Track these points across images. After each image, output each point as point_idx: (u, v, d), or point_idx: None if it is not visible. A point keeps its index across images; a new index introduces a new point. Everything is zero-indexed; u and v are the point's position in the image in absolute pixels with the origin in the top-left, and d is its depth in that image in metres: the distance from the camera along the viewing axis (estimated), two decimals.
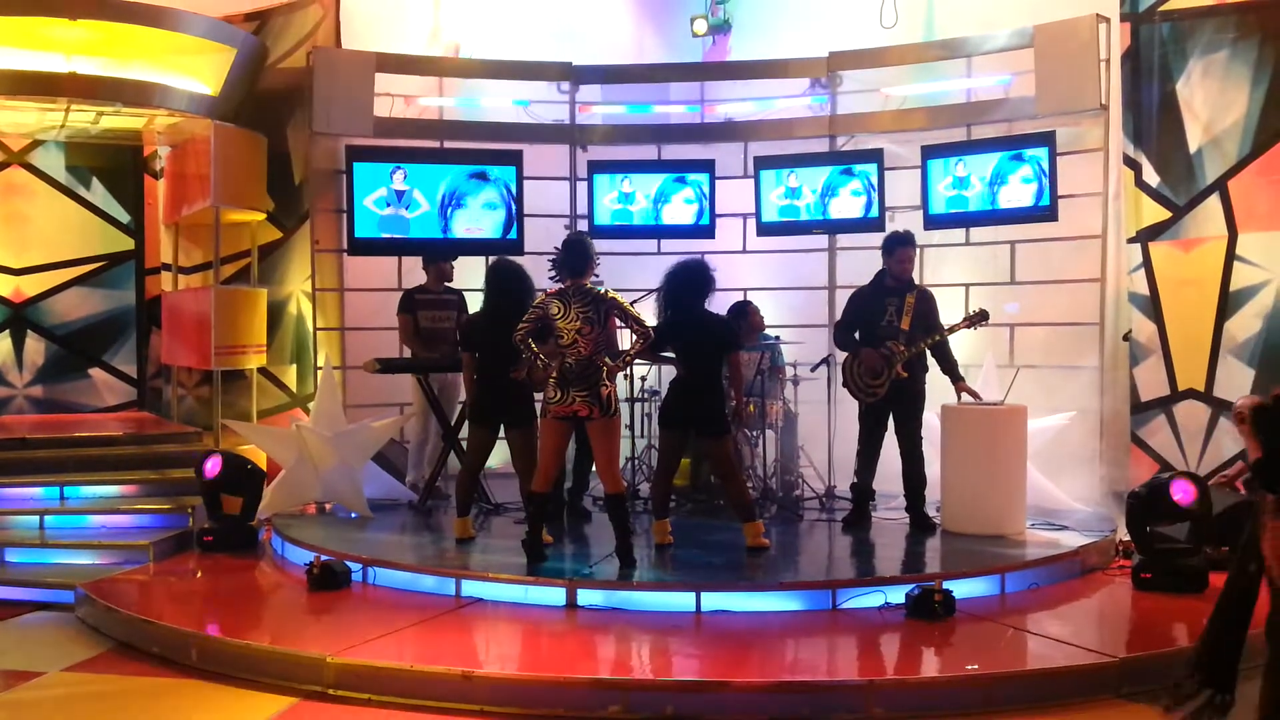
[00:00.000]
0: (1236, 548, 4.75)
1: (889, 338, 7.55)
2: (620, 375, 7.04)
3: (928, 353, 7.63)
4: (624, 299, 6.55)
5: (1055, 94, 8.75)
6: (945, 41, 9.52)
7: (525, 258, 8.16)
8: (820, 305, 9.80)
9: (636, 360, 7.02)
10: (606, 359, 6.55)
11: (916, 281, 8.05)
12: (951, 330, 7.57)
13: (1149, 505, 6.64)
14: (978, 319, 7.60)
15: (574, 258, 6.57)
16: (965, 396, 7.55)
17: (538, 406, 6.94)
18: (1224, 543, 6.73)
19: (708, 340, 6.90)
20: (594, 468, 8.15)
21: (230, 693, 5.33)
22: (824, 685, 5.06)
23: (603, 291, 6.52)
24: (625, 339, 7.63)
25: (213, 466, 7.78)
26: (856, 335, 7.78)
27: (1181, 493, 6.55)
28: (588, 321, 6.41)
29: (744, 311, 8.55)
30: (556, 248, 6.86)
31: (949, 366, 7.62)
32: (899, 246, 7.77)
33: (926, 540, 7.33)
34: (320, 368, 9.03)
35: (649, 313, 7.61)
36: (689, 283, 6.99)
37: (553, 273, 6.74)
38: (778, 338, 8.75)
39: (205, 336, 8.78)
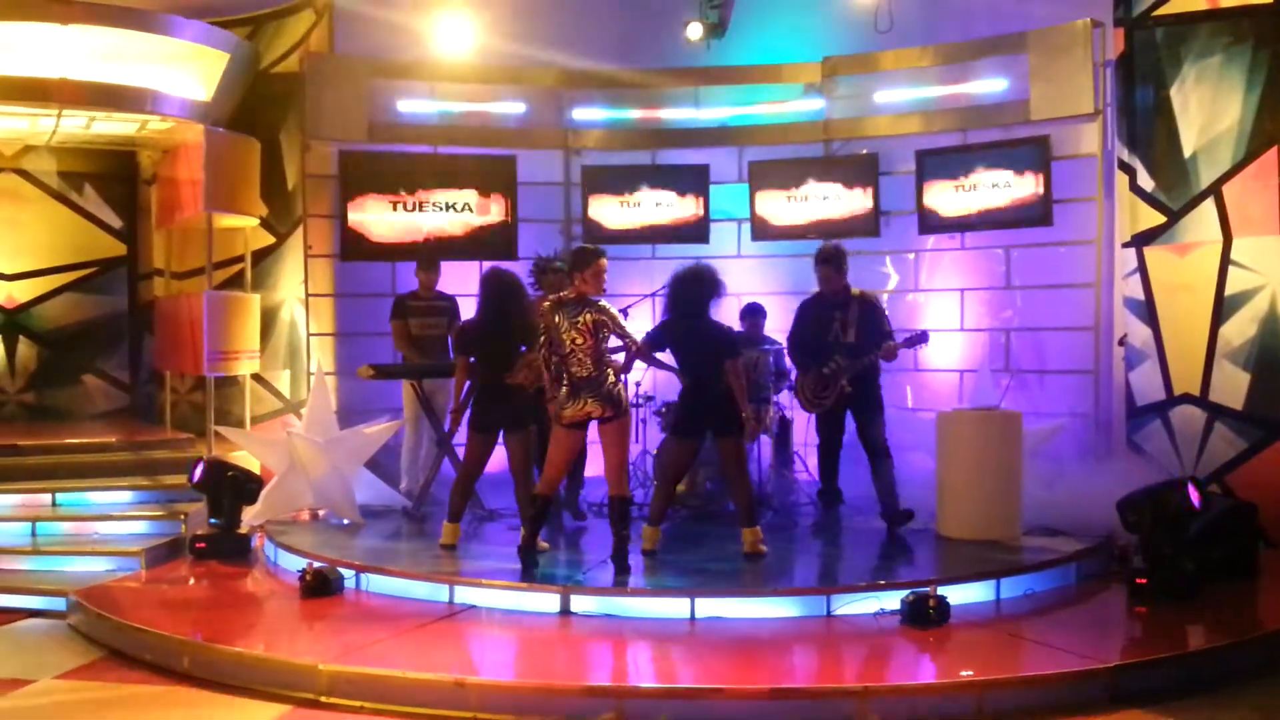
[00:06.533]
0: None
1: (836, 352, 7.64)
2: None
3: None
4: (614, 311, 6.49)
5: (1050, 99, 8.78)
6: (940, 46, 9.52)
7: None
8: None
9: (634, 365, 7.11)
10: (614, 363, 6.56)
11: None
12: (889, 352, 7.62)
13: (1145, 511, 6.62)
14: (917, 340, 7.73)
15: (574, 263, 6.59)
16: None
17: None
18: (1219, 547, 6.74)
19: (710, 348, 6.84)
20: (586, 473, 8.21)
21: (222, 700, 5.30)
22: (818, 691, 5.04)
23: (598, 303, 6.48)
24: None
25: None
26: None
27: (1189, 497, 6.51)
28: (580, 333, 6.39)
29: (760, 311, 8.63)
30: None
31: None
32: (818, 265, 7.86)
33: (921, 546, 7.31)
34: (313, 373, 9.01)
35: (645, 318, 7.61)
36: (696, 288, 6.90)
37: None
38: (778, 342, 8.75)
39: (198, 342, 8.74)
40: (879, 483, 7.65)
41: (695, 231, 10.01)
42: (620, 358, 6.77)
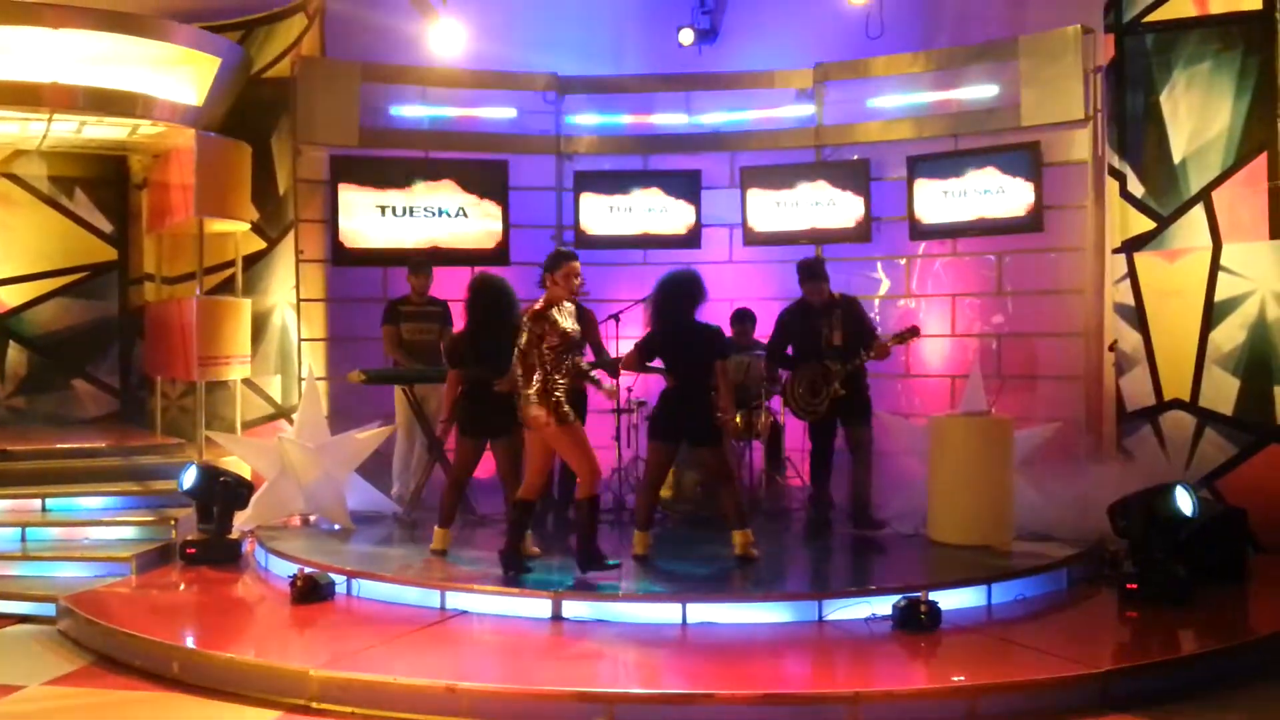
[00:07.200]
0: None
1: (826, 357, 7.68)
2: (608, 383, 7.12)
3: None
4: (557, 318, 6.39)
5: (1041, 105, 8.80)
6: (932, 52, 9.55)
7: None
8: None
9: (623, 371, 7.24)
10: (592, 375, 6.55)
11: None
12: (882, 350, 7.65)
13: (1136, 516, 6.62)
14: (909, 335, 7.81)
15: (547, 266, 6.59)
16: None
17: None
18: (1209, 552, 6.76)
19: (698, 350, 6.86)
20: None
21: (213, 706, 5.28)
22: (810, 697, 5.04)
23: (548, 310, 6.45)
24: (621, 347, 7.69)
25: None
26: (790, 353, 7.95)
27: (1179, 502, 6.52)
28: (545, 336, 6.39)
29: (749, 316, 8.64)
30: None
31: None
32: (805, 281, 7.89)
33: (912, 551, 7.32)
34: (304, 378, 8.98)
35: (637, 323, 7.60)
36: (680, 293, 6.93)
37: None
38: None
39: (188, 347, 8.71)
40: (857, 487, 7.77)
41: (687, 237, 10.02)
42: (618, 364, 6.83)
